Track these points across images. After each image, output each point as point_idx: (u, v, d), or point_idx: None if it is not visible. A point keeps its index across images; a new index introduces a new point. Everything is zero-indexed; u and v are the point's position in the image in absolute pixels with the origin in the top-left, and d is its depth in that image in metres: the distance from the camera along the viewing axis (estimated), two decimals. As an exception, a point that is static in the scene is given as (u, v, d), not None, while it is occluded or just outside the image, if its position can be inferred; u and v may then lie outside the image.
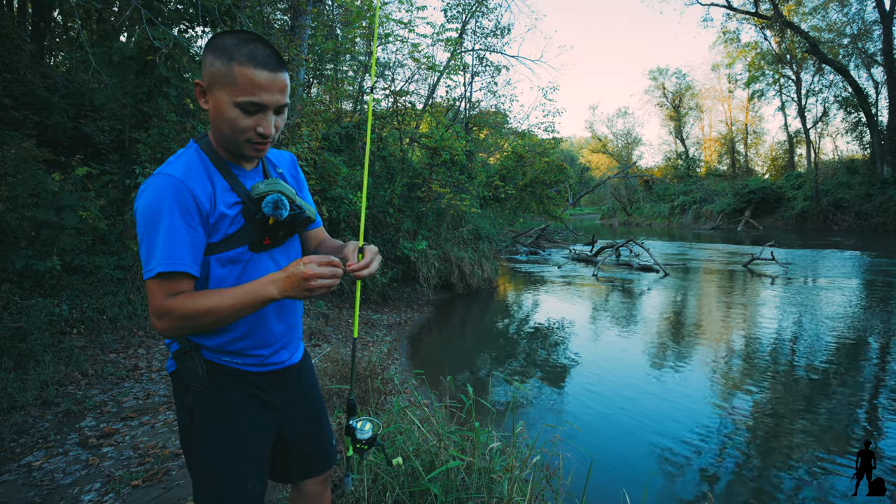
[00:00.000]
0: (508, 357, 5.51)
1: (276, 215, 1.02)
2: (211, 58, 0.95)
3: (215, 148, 1.04)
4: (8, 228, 4.17)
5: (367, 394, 3.00)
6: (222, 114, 0.96)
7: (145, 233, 0.93)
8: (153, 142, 5.22)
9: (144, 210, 0.93)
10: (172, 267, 0.92)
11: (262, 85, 0.94)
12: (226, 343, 1.06)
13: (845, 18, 26.41)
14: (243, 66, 0.93)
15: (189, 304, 0.92)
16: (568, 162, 20.44)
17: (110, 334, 4.24)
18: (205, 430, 1.05)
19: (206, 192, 0.98)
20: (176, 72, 5.47)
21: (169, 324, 0.93)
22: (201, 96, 0.99)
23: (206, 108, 0.99)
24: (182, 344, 1.04)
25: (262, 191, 1.02)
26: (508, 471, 1.90)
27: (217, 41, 0.96)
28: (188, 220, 0.95)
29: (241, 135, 0.98)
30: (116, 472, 2.41)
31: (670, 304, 8.17)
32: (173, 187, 0.93)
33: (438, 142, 8.21)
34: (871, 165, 24.60)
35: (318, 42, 8.30)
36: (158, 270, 0.91)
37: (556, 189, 11.67)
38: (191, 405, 1.05)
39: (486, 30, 13.89)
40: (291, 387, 1.20)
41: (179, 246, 0.93)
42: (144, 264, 0.93)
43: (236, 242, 1.03)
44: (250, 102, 0.95)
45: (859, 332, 5.97)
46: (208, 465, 1.05)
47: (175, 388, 1.09)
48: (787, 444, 3.32)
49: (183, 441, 1.08)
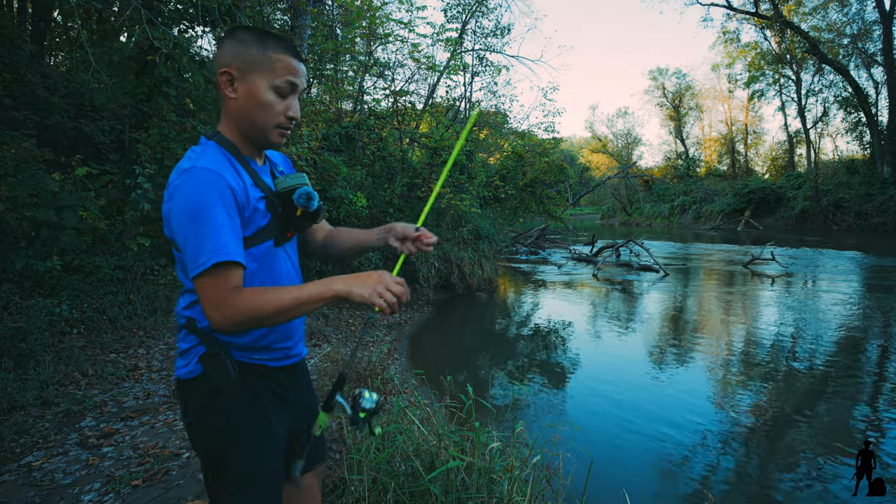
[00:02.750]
0: (508, 357, 5.51)
1: (307, 206, 1.06)
2: (242, 47, 0.99)
3: (233, 143, 1.05)
4: (8, 228, 4.17)
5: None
6: (257, 98, 1.00)
7: (191, 227, 0.90)
8: (153, 142, 5.22)
9: (187, 204, 0.90)
10: (228, 256, 0.90)
11: (295, 69, 1.02)
12: (257, 338, 1.06)
13: (845, 18, 26.41)
14: (279, 52, 1.00)
15: (256, 299, 0.91)
16: (568, 162, 20.45)
17: (110, 334, 4.24)
18: (242, 431, 1.04)
19: (240, 186, 0.99)
20: (176, 72, 5.47)
21: (231, 317, 0.90)
22: (228, 85, 1.00)
23: (231, 97, 1.01)
24: (210, 346, 1.01)
25: (291, 184, 1.06)
26: (508, 471, 1.90)
27: (242, 33, 1.01)
28: (230, 213, 0.94)
29: (273, 119, 1.02)
30: (116, 472, 2.41)
31: (670, 304, 8.17)
32: (213, 180, 0.92)
33: (438, 142, 8.22)
34: (871, 165, 24.59)
35: (318, 42, 8.29)
36: (215, 261, 0.88)
37: (556, 189, 11.67)
38: (226, 407, 1.03)
39: (486, 30, 13.92)
40: (300, 381, 1.23)
41: (229, 237, 0.91)
42: (193, 259, 0.89)
43: (266, 236, 1.04)
44: (289, 83, 1.01)
45: (859, 332, 5.97)
46: (247, 464, 1.04)
47: (195, 392, 1.04)
48: (786, 444, 3.32)
49: (216, 444, 1.04)
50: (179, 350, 1.06)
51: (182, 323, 1.06)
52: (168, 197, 0.94)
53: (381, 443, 2.09)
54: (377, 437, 1.13)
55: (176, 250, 1.00)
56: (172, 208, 0.93)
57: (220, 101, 1.05)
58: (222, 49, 1.01)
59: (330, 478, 2.18)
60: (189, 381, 1.04)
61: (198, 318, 1.03)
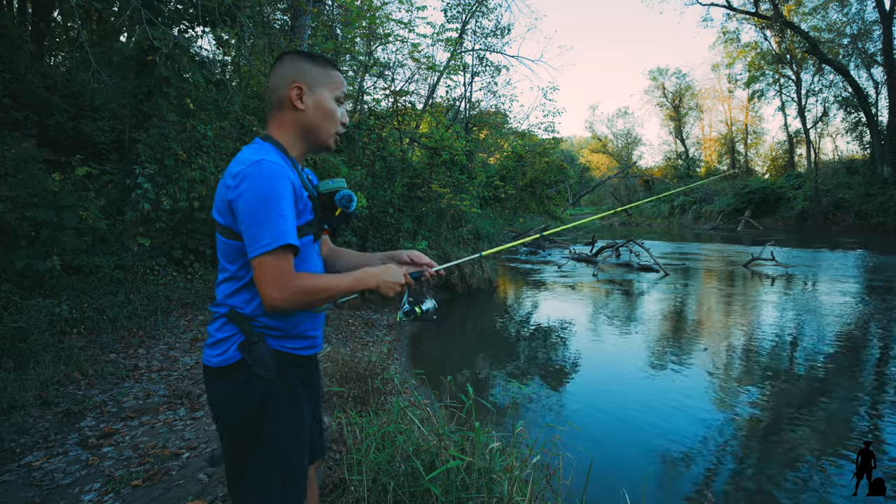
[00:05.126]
0: (508, 357, 5.51)
1: (347, 206, 1.21)
2: (308, 65, 1.16)
3: (286, 147, 1.17)
4: (8, 228, 4.17)
5: (367, 394, 3.00)
6: (324, 107, 1.17)
7: (260, 211, 0.99)
8: (153, 142, 5.22)
9: (258, 190, 0.99)
10: (292, 241, 1.01)
11: (343, 83, 1.22)
12: (293, 326, 1.14)
13: (845, 18, 26.44)
14: (334, 69, 1.20)
15: (312, 280, 1.05)
16: (568, 162, 20.44)
17: (110, 334, 4.24)
18: (277, 415, 1.11)
19: (297, 182, 1.11)
20: (176, 72, 5.47)
21: (289, 296, 1.01)
22: (298, 99, 1.14)
23: (301, 108, 1.14)
24: (248, 335, 1.08)
25: (333, 187, 1.21)
26: (508, 471, 1.89)
27: (299, 55, 1.18)
28: (292, 203, 1.06)
29: (334, 126, 1.19)
30: (116, 472, 2.41)
31: (670, 304, 8.17)
32: (280, 172, 1.03)
33: (438, 142, 8.22)
34: (871, 165, 24.60)
35: (318, 42, 8.29)
36: (281, 243, 0.99)
37: (556, 189, 11.68)
38: (262, 392, 1.09)
39: (486, 30, 13.92)
40: (317, 370, 1.33)
41: (291, 224, 1.03)
42: (256, 241, 0.99)
43: (308, 231, 1.15)
44: (345, 94, 1.21)
45: (859, 332, 5.97)
46: (277, 440, 1.11)
47: (229, 378, 1.10)
48: (786, 444, 3.32)
49: (248, 426, 1.10)
50: (214, 339, 1.12)
51: (223, 312, 1.11)
52: (235, 184, 1.02)
53: (381, 443, 2.09)
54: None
55: (224, 236, 1.09)
56: (242, 193, 1.00)
57: (272, 109, 1.18)
58: (285, 68, 1.16)
59: (330, 478, 2.18)
60: (224, 369, 1.10)
61: (240, 305, 1.10)
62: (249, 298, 1.10)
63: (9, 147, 4.33)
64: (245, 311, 1.10)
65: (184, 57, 5.60)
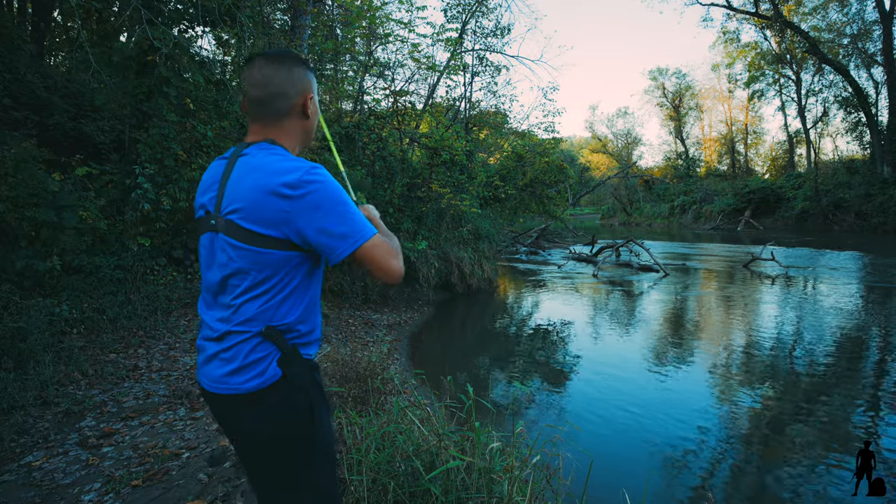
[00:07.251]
0: (508, 357, 5.51)
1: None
2: (311, 74, 1.18)
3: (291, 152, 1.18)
4: (8, 228, 4.17)
5: (367, 394, 3.00)
6: (317, 112, 1.21)
7: (342, 211, 1.03)
8: (153, 142, 5.22)
9: (333, 192, 1.03)
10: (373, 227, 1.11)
11: None
12: (312, 330, 1.16)
13: (845, 18, 26.42)
14: (313, 73, 1.20)
15: (389, 241, 1.13)
16: (568, 162, 20.45)
17: (110, 334, 4.24)
18: (323, 420, 1.15)
19: None
20: (176, 72, 5.47)
21: (400, 263, 1.11)
22: (308, 107, 1.17)
23: (308, 117, 1.17)
24: (284, 349, 1.06)
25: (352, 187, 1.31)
26: (508, 471, 1.89)
27: (303, 61, 1.17)
28: None
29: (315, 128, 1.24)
30: (116, 472, 2.41)
31: (670, 304, 8.17)
32: None
33: (438, 142, 8.22)
34: (871, 165, 24.58)
35: (318, 42, 8.29)
36: (375, 231, 1.07)
37: (556, 189, 11.68)
38: (310, 402, 1.11)
39: (486, 30, 13.90)
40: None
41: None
42: (351, 236, 1.03)
43: None
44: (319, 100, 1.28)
45: (859, 332, 5.97)
46: (327, 446, 1.17)
47: (274, 396, 1.06)
48: (787, 444, 3.32)
49: (303, 437, 1.10)
50: (243, 363, 1.05)
51: (257, 330, 1.05)
52: (300, 193, 1.00)
53: (381, 443, 2.09)
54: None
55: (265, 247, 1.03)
56: (318, 199, 1.01)
57: (273, 114, 1.13)
58: (295, 76, 1.13)
59: (330, 478, 2.18)
60: (264, 391, 1.05)
61: (274, 317, 1.05)
62: (290, 308, 1.07)
63: (9, 147, 4.33)
64: (285, 321, 1.06)
65: (184, 57, 5.60)
